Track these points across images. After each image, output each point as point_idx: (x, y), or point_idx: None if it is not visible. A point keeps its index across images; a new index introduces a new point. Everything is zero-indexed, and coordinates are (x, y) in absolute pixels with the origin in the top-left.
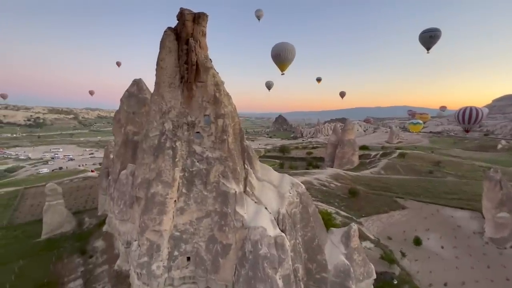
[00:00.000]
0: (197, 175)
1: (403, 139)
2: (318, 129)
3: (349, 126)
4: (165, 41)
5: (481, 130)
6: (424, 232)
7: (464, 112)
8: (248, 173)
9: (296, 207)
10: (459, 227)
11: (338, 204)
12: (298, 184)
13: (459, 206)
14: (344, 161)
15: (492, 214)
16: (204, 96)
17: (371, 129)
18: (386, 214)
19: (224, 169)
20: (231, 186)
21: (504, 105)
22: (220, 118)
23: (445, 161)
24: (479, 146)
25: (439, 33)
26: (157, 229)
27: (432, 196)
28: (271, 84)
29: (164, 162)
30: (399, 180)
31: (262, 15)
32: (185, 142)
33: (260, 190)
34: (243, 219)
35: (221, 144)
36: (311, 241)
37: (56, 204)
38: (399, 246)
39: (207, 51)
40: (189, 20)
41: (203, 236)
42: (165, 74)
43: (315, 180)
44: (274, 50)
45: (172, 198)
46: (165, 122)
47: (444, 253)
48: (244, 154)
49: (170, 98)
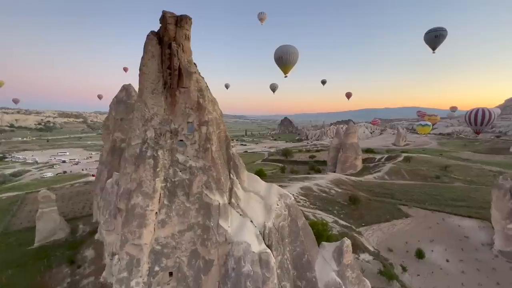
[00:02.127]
0: (179, 185)
1: (411, 141)
2: (324, 131)
3: (352, 129)
4: (147, 46)
5: (493, 131)
6: (428, 244)
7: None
8: (234, 184)
9: (284, 220)
10: (466, 238)
11: (337, 212)
12: (287, 195)
13: (467, 214)
14: (346, 166)
15: (502, 225)
16: (187, 102)
17: (378, 131)
18: (388, 223)
19: (207, 179)
20: (214, 197)
21: None
22: (204, 125)
23: (453, 165)
24: (491, 148)
25: (444, 33)
26: (136, 242)
27: (438, 204)
28: (276, 87)
29: (145, 172)
30: (403, 186)
31: (265, 18)
32: (168, 151)
33: (246, 201)
34: (226, 233)
35: (205, 153)
36: (300, 257)
37: (49, 211)
38: (400, 259)
39: (190, 56)
40: (171, 24)
41: (186, 250)
42: (148, 79)
43: (315, 186)
44: (277, 53)
45: (153, 210)
46: (147, 130)
47: (449, 267)
48: (230, 163)
49: (153, 105)
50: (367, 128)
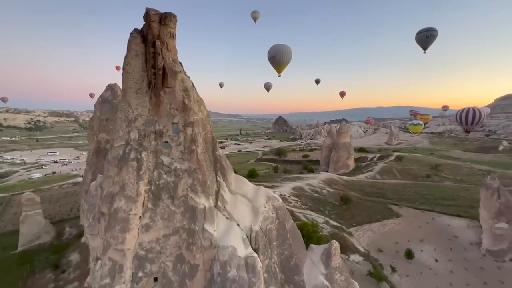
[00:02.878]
0: (164, 188)
1: (403, 140)
2: (317, 130)
3: (344, 129)
4: (131, 44)
5: (483, 130)
6: (418, 243)
7: (465, 113)
8: (221, 186)
9: (272, 223)
10: (455, 237)
11: (328, 212)
12: (275, 198)
13: (456, 213)
14: (339, 165)
15: (490, 225)
16: (172, 102)
17: (371, 130)
18: (379, 223)
19: (192, 182)
20: (199, 200)
21: (506, 105)
22: (189, 126)
23: (443, 164)
24: (480, 147)
25: (435, 33)
26: (119, 248)
27: (428, 203)
28: (270, 86)
29: (128, 175)
30: (394, 185)
31: (258, 17)
32: (152, 153)
33: (233, 204)
34: (212, 237)
35: (190, 154)
36: (288, 260)
37: (33, 214)
38: (390, 259)
39: (176, 54)
40: (155, 21)
41: (171, 255)
42: (132, 79)
43: (307, 186)
44: (271, 52)
45: (137, 214)
46: (131, 131)
47: (438, 267)
48: (216, 165)
49: (137, 105)
50: (360, 127)
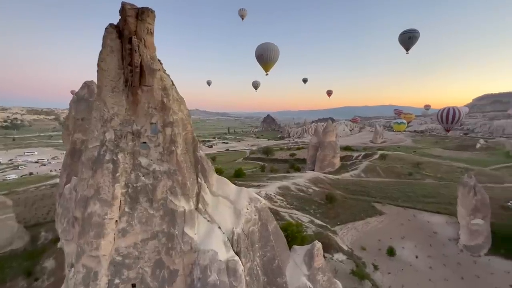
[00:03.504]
0: (142, 191)
1: (387, 138)
2: (305, 129)
3: (330, 128)
4: (106, 40)
5: (462, 128)
6: (400, 241)
7: (446, 112)
8: (201, 188)
9: (254, 225)
10: (435, 234)
11: (313, 211)
12: (257, 199)
13: (435, 210)
14: (325, 164)
15: (467, 221)
16: (150, 102)
17: (357, 129)
18: (362, 221)
19: (172, 184)
20: (179, 203)
21: (483, 104)
22: (168, 126)
23: (424, 162)
24: (459, 145)
25: (417, 34)
26: (94, 254)
27: (410, 200)
28: (258, 84)
29: (103, 178)
30: (378, 183)
31: (245, 15)
32: (129, 154)
33: (215, 206)
34: (192, 241)
35: (169, 156)
36: (270, 262)
37: (4, 219)
38: (373, 257)
39: (154, 52)
40: (131, 16)
41: (149, 260)
42: (107, 76)
43: (292, 185)
44: (258, 51)
45: (112, 218)
46: (107, 131)
47: (418, 263)
48: (197, 167)
49: (113, 104)
50: (347, 125)
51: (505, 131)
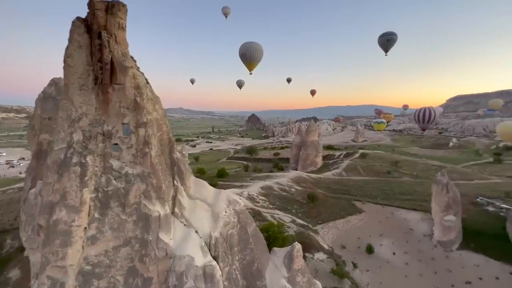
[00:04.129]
0: (113, 195)
1: (368, 137)
2: (289, 128)
3: (312, 127)
4: (73, 34)
5: (436, 128)
6: (378, 238)
7: (423, 112)
8: (178, 191)
9: (233, 228)
10: (411, 230)
11: (295, 211)
12: (236, 202)
13: (412, 207)
14: (307, 163)
15: (440, 218)
16: (122, 101)
17: (340, 128)
18: (343, 220)
19: (146, 187)
20: (154, 208)
21: (456, 105)
22: (142, 127)
23: (402, 160)
24: (434, 144)
25: (395, 37)
26: (60, 264)
27: (388, 198)
28: (242, 83)
29: (70, 182)
30: (358, 182)
31: (229, 13)
32: (100, 156)
33: (192, 210)
34: (167, 247)
35: (143, 158)
36: (250, 266)
37: None
38: (353, 255)
39: (126, 48)
40: (100, 10)
41: (121, 268)
42: (75, 73)
43: (275, 185)
44: (241, 50)
45: (80, 225)
46: (74, 132)
47: (396, 260)
48: (173, 169)
49: (81, 103)
50: (329, 125)
51: (475, 130)
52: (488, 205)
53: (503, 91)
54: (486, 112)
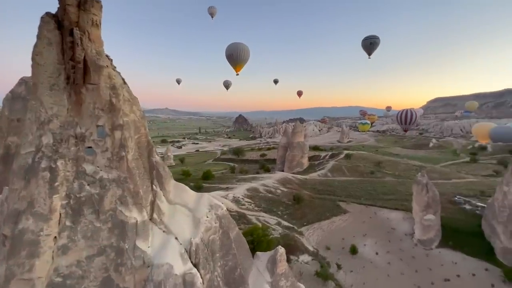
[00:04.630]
0: (87, 202)
1: (353, 138)
2: (276, 129)
3: (298, 128)
4: (42, 30)
5: (417, 129)
6: (361, 238)
7: (405, 114)
8: (157, 196)
9: (215, 233)
10: (393, 230)
11: (281, 213)
12: (218, 206)
13: (394, 207)
14: (293, 164)
15: (420, 217)
16: (96, 102)
17: (326, 129)
18: (328, 221)
19: (122, 193)
20: (130, 214)
21: (436, 106)
22: (118, 129)
23: (385, 161)
24: (415, 144)
25: (378, 40)
26: (27, 277)
27: (371, 198)
28: (229, 84)
29: (38, 188)
30: (343, 182)
31: (215, 13)
32: (72, 161)
33: (171, 215)
34: (145, 255)
35: (119, 162)
36: (232, 271)
37: None
38: (337, 256)
39: (101, 46)
40: (71, 5)
41: (95, 279)
42: (44, 72)
43: (261, 187)
44: (228, 50)
45: (50, 234)
46: (43, 135)
47: (378, 260)
48: (152, 173)
49: (51, 104)
50: (316, 126)
51: (453, 131)
52: (465, 204)
53: (479, 94)
54: (463, 113)
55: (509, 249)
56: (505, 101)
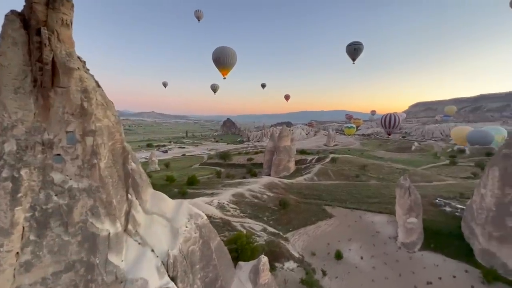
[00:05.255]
0: (54, 214)
1: (339, 142)
2: (264, 133)
3: (285, 132)
4: (6, 29)
5: (401, 132)
6: (347, 243)
7: (388, 118)
8: (132, 206)
9: (195, 244)
10: (377, 233)
11: (267, 218)
12: (198, 215)
13: (378, 210)
14: (280, 168)
15: (403, 220)
16: (66, 106)
17: (313, 132)
18: (314, 226)
19: (93, 203)
20: (102, 226)
21: (417, 111)
22: (89, 135)
23: (369, 164)
24: (398, 147)
25: (361, 47)
26: None
27: (356, 202)
28: (217, 87)
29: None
30: (328, 186)
31: (201, 16)
32: (38, 169)
33: (148, 226)
34: (117, 270)
35: (90, 170)
36: (213, 283)
37: None
38: (322, 262)
39: (72, 47)
40: (38, 3)
41: None
42: (8, 74)
43: (247, 192)
44: (215, 54)
45: (11, 250)
46: (6, 141)
47: (363, 264)
48: (128, 181)
49: (16, 108)
50: (303, 129)
51: (433, 134)
52: (445, 206)
53: (457, 99)
54: (443, 117)
55: (487, 250)
56: (481, 105)
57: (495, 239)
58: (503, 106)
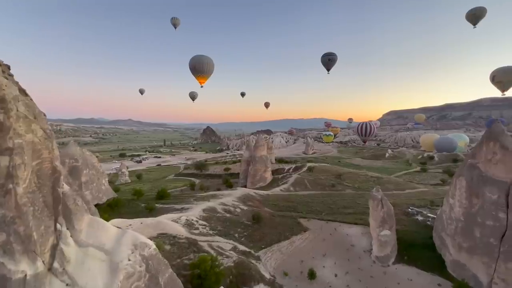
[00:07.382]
0: None
1: (318, 149)
2: (244, 141)
3: (261, 142)
4: None
5: (376, 139)
6: (321, 259)
7: (364, 126)
8: (61, 238)
9: (139, 280)
10: (352, 247)
11: (238, 235)
12: (145, 245)
13: (353, 221)
14: (256, 179)
15: (377, 233)
16: None
17: (292, 140)
18: (287, 241)
19: (6, 238)
20: (16, 267)
21: (390, 119)
22: (5, 154)
23: (345, 173)
24: (373, 155)
25: (335, 57)
26: None
27: (332, 213)
28: (195, 95)
29: None
30: (304, 197)
31: (178, 24)
32: None
33: (80, 262)
34: None
35: (5, 197)
36: None
37: None
38: (295, 283)
39: None
40: None
41: None
42: None
43: (219, 206)
44: (191, 63)
45: None
46: None
47: (337, 283)
48: (57, 208)
49: None
50: (283, 137)
51: (405, 141)
52: (417, 215)
53: (425, 108)
54: (414, 125)
55: (457, 261)
56: (446, 114)
57: (465, 250)
58: (466, 114)
